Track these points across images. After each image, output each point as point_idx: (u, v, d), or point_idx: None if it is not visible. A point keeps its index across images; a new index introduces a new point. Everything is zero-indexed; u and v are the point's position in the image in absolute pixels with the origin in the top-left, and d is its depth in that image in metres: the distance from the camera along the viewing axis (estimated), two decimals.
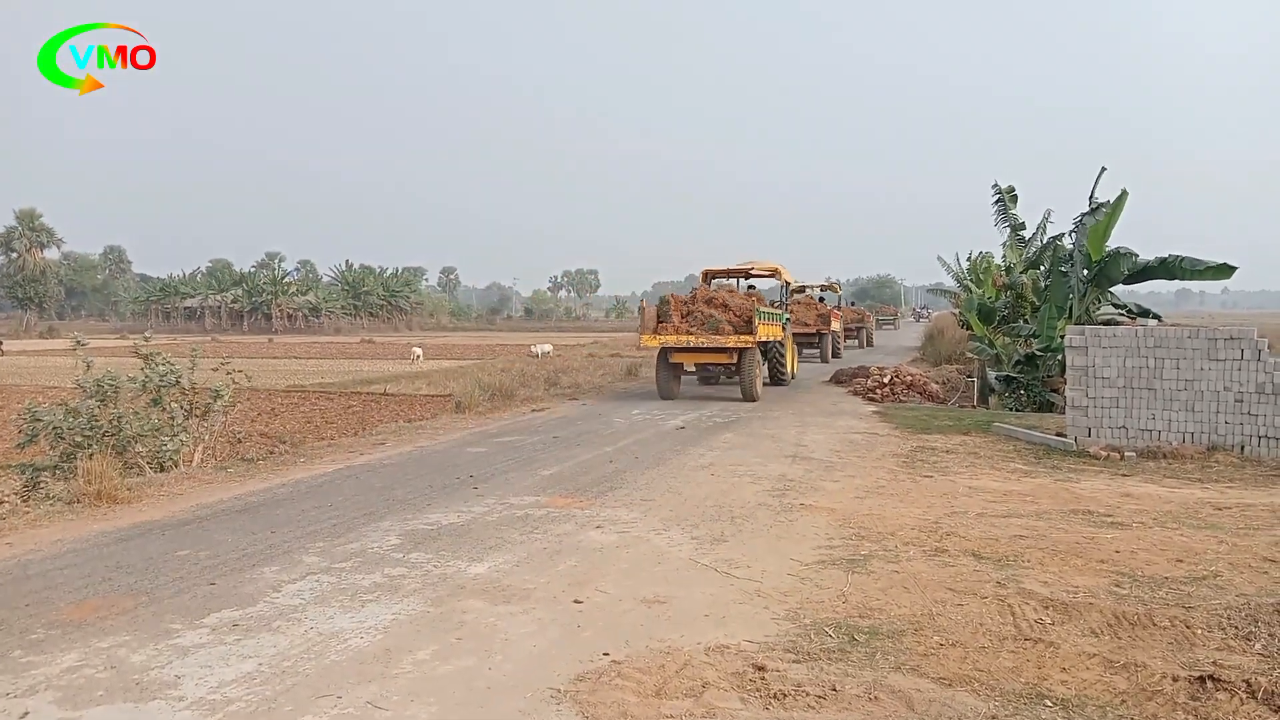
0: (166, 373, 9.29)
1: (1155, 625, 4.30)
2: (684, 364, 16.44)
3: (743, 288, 18.62)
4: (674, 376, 16.15)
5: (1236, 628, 4.23)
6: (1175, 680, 3.69)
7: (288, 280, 79.87)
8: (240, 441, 11.17)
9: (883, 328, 51.30)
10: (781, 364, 17.81)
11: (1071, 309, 14.60)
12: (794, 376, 19.29)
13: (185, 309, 77.98)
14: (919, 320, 65.91)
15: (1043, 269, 16.91)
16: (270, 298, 73.45)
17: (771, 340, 16.80)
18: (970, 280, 28.52)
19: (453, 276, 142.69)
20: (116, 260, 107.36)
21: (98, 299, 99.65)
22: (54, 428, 8.44)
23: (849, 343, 33.21)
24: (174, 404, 9.33)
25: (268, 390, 18.79)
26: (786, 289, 19.85)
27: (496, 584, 5.09)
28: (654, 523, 6.54)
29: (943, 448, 10.15)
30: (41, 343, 50.17)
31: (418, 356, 29.44)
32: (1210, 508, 6.97)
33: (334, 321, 73.14)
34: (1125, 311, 15.01)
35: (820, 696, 3.57)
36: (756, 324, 14.98)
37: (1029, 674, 3.80)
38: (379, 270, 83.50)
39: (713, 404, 15.00)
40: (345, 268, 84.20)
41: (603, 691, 3.63)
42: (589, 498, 7.45)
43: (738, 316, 15.35)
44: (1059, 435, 10.28)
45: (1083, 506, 7.02)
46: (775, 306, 17.95)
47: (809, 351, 25.91)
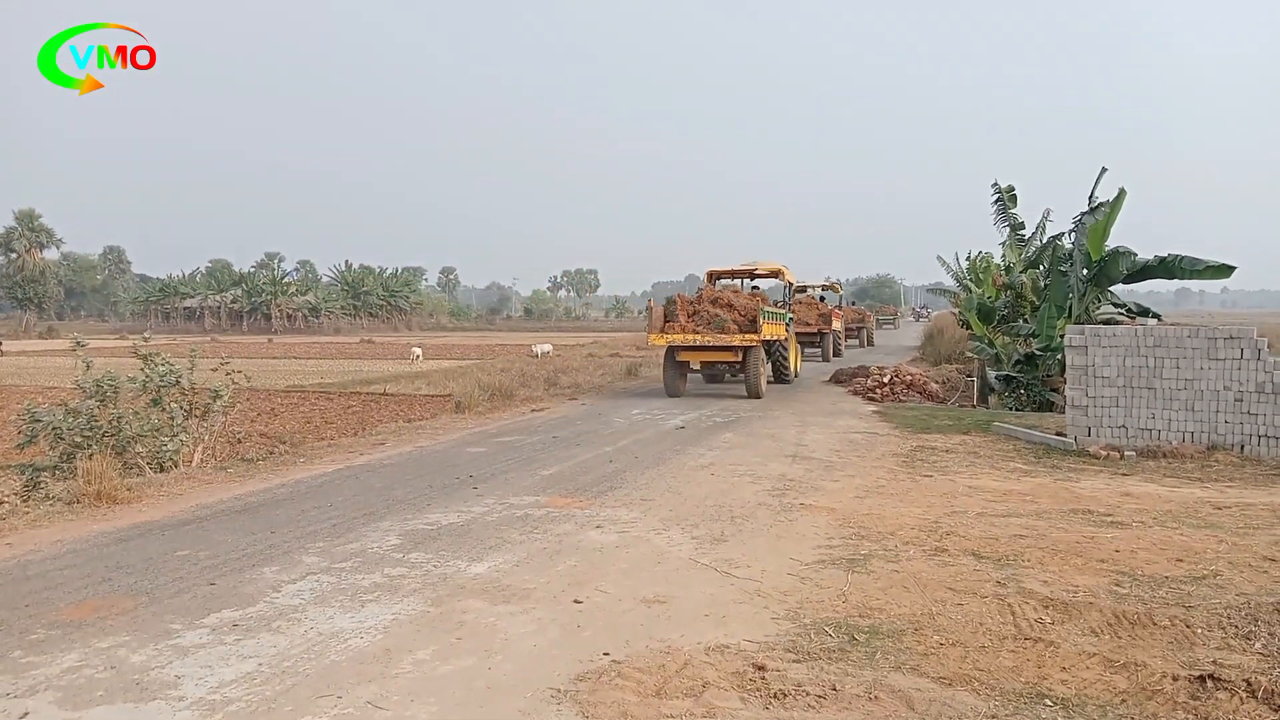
0: (166, 373, 9.29)
1: (1155, 624, 4.30)
2: (690, 362, 16.70)
3: (747, 288, 18.86)
4: (680, 374, 16.52)
5: (1236, 627, 4.23)
6: (1175, 679, 3.69)
7: (287, 280, 79.86)
8: (240, 442, 11.16)
9: (882, 327, 51.54)
10: (785, 362, 18.03)
11: (1071, 308, 14.59)
12: (797, 375, 19.54)
13: (185, 309, 78.00)
14: (919, 320, 65.98)
15: (1042, 268, 16.90)
16: (270, 298, 73.44)
17: (775, 339, 17.01)
18: (970, 280, 28.52)
19: (452, 276, 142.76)
20: (116, 260, 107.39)
21: (97, 299, 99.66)
22: (54, 428, 8.45)
23: (850, 342, 33.82)
24: (174, 404, 9.33)
25: (267, 390, 18.77)
26: (789, 289, 20.17)
27: (496, 584, 5.09)
28: (654, 522, 6.54)
29: (942, 447, 10.15)
30: (41, 343, 50.14)
31: (417, 356, 29.43)
32: (1210, 507, 6.97)
33: (333, 322, 73.13)
34: (1125, 311, 15.00)
35: (820, 696, 3.57)
36: (761, 323, 15.25)
37: (1029, 673, 3.80)
38: (378, 270, 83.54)
39: (713, 403, 15.01)
40: (345, 268, 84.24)
41: (603, 691, 3.63)
42: (589, 498, 7.45)
43: (742, 316, 15.65)
44: (1059, 435, 10.28)
45: (1083, 506, 7.02)
46: (779, 306, 18.19)
47: (810, 350, 26.21)
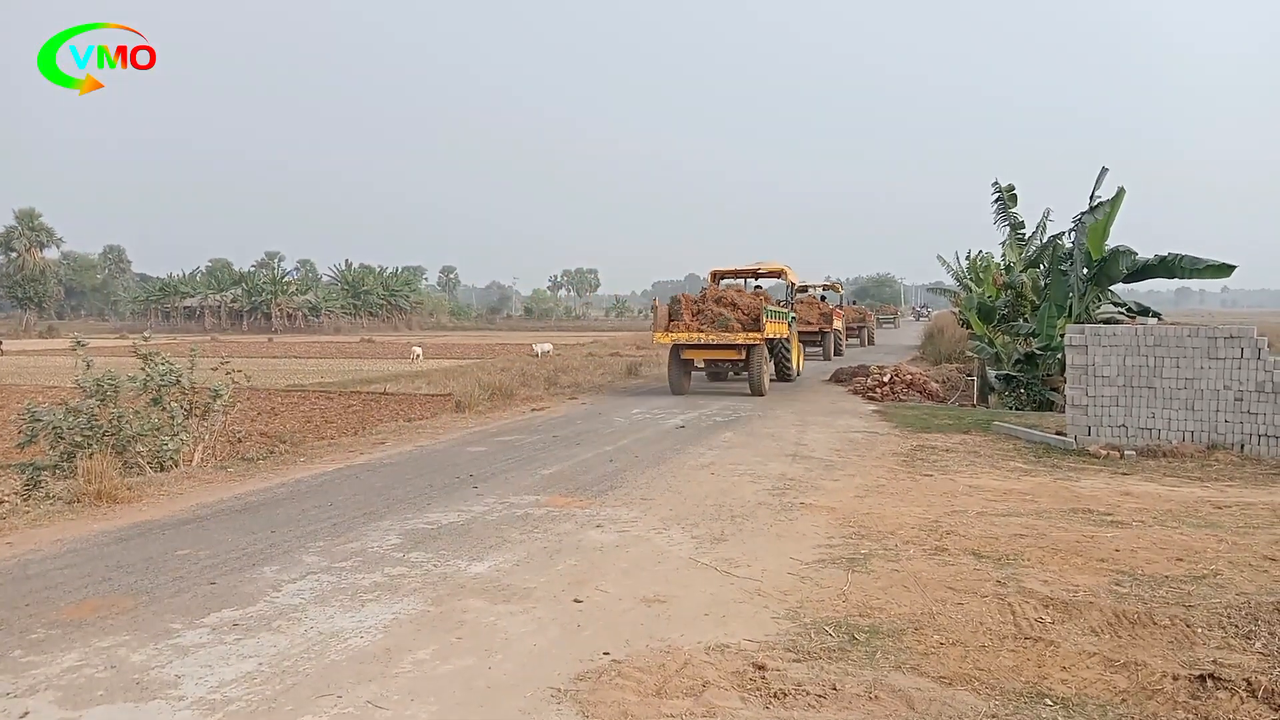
0: (166, 372, 9.29)
1: (1155, 624, 4.30)
2: (695, 360, 16.99)
3: (750, 288, 19.04)
4: (685, 372, 16.83)
5: (1237, 626, 4.23)
6: (1175, 679, 3.69)
7: (287, 280, 79.83)
8: (240, 441, 11.17)
9: (883, 326, 51.71)
10: (787, 360, 18.31)
11: (1071, 308, 14.59)
12: (800, 373, 19.86)
13: (185, 309, 77.97)
14: (919, 319, 66.04)
15: (1042, 268, 16.89)
16: (270, 297, 73.42)
17: (778, 338, 17.25)
18: (970, 279, 28.54)
19: (452, 276, 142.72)
20: (116, 260, 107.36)
21: (97, 299, 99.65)
22: (54, 427, 8.45)
23: (851, 341, 34.26)
24: (174, 403, 9.33)
25: (267, 390, 18.78)
26: (791, 289, 20.46)
27: (496, 583, 5.09)
28: (654, 522, 6.54)
29: (943, 446, 10.15)
30: (41, 342, 50.18)
31: (417, 356, 29.44)
32: (1210, 506, 6.96)
33: (334, 321, 73.09)
34: (1125, 310, 14.99)
35: (820, 695, 3.57)
36: (764, 322, 15.53)
37: (1029, 673, 3.80)
38: (379, 270, 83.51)
39: (713, 403, 15.01)
40: (345, 267, 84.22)
41: (603, 691, 3.63)
42: (589, 497, 7.45)
43: (746, 315, 15.94)
44: (1059, 434, 10.28)
45: (1083, 505, 7.01)
46: (781, 305, 18.44)
47: (812, 349, 26.34)
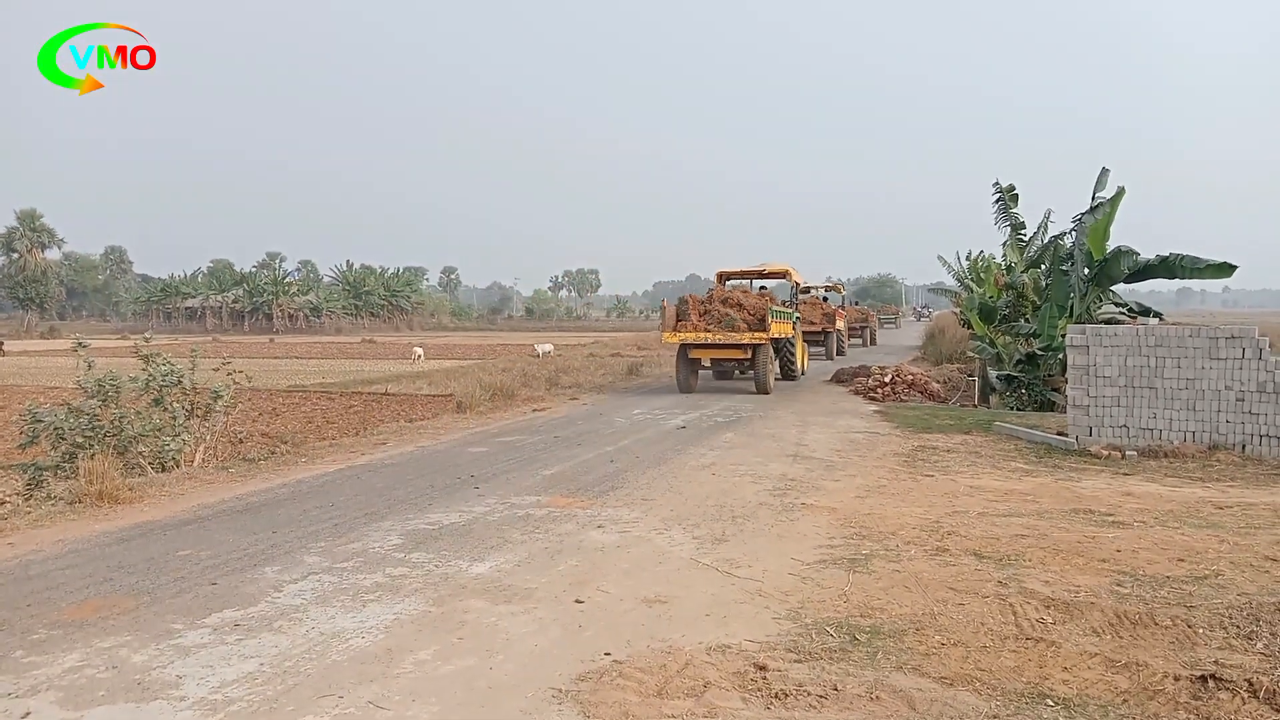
0: (168, 373, 9.30)
1: (1157, 624, 4.29)
2: (702, 359, 17.27)
3: (755, 289, 19.30)
4: (692, 371, 17.13)
5: (1238, 627, 4.23)
6: (1177, 679, 3.69)
7: (289, 280, 79.95)
8: (241, 441, 11.18)
9: (884, 327, 51.87)
10: (792, 360, 18.60)
11: (1072, 308, 14.57)
12: (804, 372, 20.17)
13: (186, 309, 78.06)
14: (920, 319, 66.06)
15: (1044, 268, 16.89)
16: (271, 298, 73.47)
17: (783, 337, 17.49)
18: (971, 279, 28.56)
19: (454, 276, 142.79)
20: (117, 260, 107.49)
21: (99, 299, 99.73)
22: (55, 428, 8.46)
23: (854, 341, 34.78)
24: (175, 404, 9.34)
25: (269, 390, 18.79)
26: (795, 289, 20.72)
27: (498, 584, 5.09)
28: (655, 522, 6.54)
29: (944, 447, 10.14)
30: (42, 343, 50.20)
31: (419, 356, 29.45)
32: (1211, 507, 6.96)
33: (335, 321, 73.14)
34: (1126, 310, 14.98)
35: (822, 696, 3.57)
36: (770, 322, 15.82)
37: (1030, 673, 3.80)
38: (380, 270, 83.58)
39: (714, 403, 15.01)
40: (346, 268, 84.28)
41: (604, 691, 3.63)
42: (590, 497, 7.45)
43: (752, 315, 16.24)
44: (1060, 434, 10.27)
45: (1084, 506, 7.01)
46: (785, 306, 18.73)
47: (815, 349, 26.52)
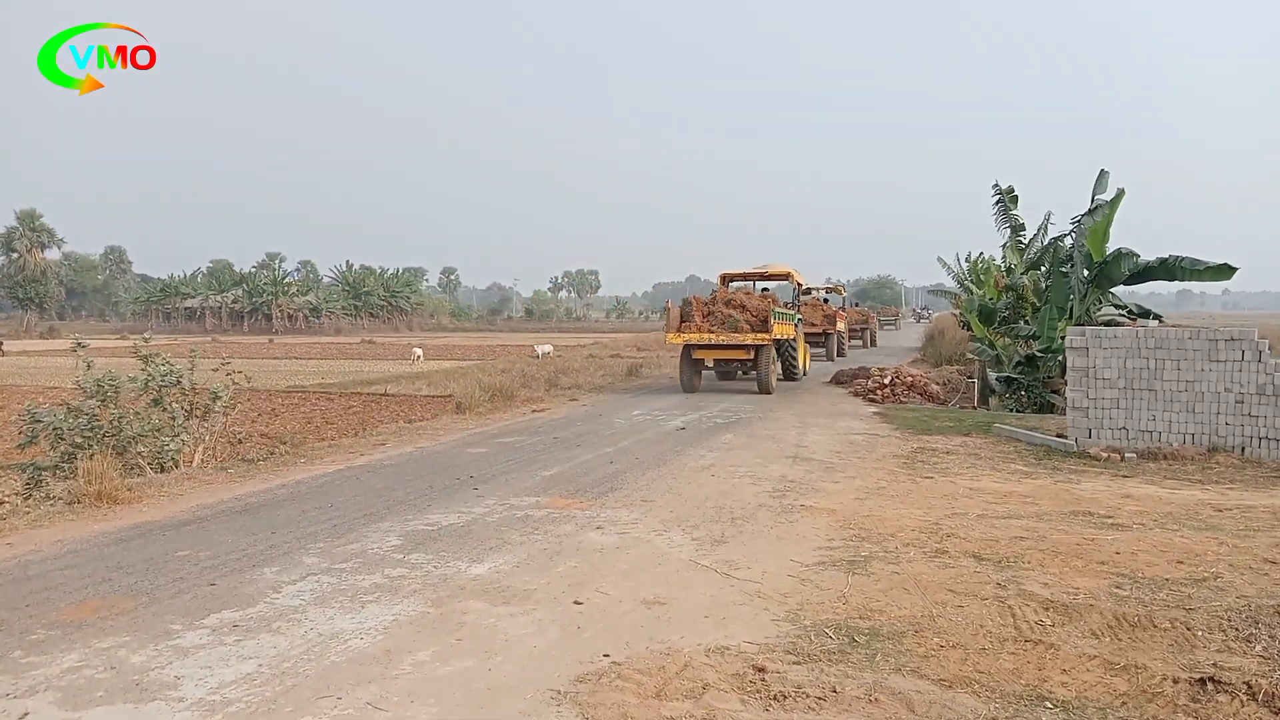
0: (167, 373, 9.30)
1: (1156, 627, 4.29)
2: (705, 360, 17.48)
3: (757, 290, 19.50)
4: (696, 371, 17.34)
5: (1237, 629, 4.22)
6: (1176, 682, 3.69)
7: (288, 281, 79.97)
8: (241, 442, 11.17)
9: (884, 328, 51.95)
10: (794, 360, 18.74)
11: (1072, 310, 14.57)
12: (806, 373, 20.32)
13: (186, 309, 78.07)
14: (919, 321, 66.10)
15: (1043, 270, 16.91)
16: (271, 298, 73.48)
17: (785, 338, 17.63)
18: (971, 281, 28.55)
19: (453, 277, 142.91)
20: (117, 261, 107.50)
21: (98, 299, 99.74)
22: (54, 428, 8.45)
23: (854, 342, 35.07)
24: (174, 404, 9.34)
25: (268, 391, 18.78)
26: (797, 291, 20.82)
27: (497, 585, 5.09)
28: (654, 524, 6.54)
29: (943, 449, 10.14)
30: (42, 343, 50.22)
31: (418, 357, 29.47)
32: (1211, 509, 6.96)
33: (334, 322, 73.16)
34: (1126, 312, 14.99)
35: (820, 698, 3.57)
36: (772, 323, 15.99)
37: (1029, 676, 3.79)
38: (379, 271, 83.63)
39: (714, 405, 15.01)
40: (346, 268, 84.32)
41: (603, 693, 3.63)
42: (589, 499, 7.45)
43: (755, 316, 16.42)
44: (1059, 436, 10.27)
45: (1083, 508, 7.01)
46: (787, 307, 18.85)
47: (815, 350, 26.59)
